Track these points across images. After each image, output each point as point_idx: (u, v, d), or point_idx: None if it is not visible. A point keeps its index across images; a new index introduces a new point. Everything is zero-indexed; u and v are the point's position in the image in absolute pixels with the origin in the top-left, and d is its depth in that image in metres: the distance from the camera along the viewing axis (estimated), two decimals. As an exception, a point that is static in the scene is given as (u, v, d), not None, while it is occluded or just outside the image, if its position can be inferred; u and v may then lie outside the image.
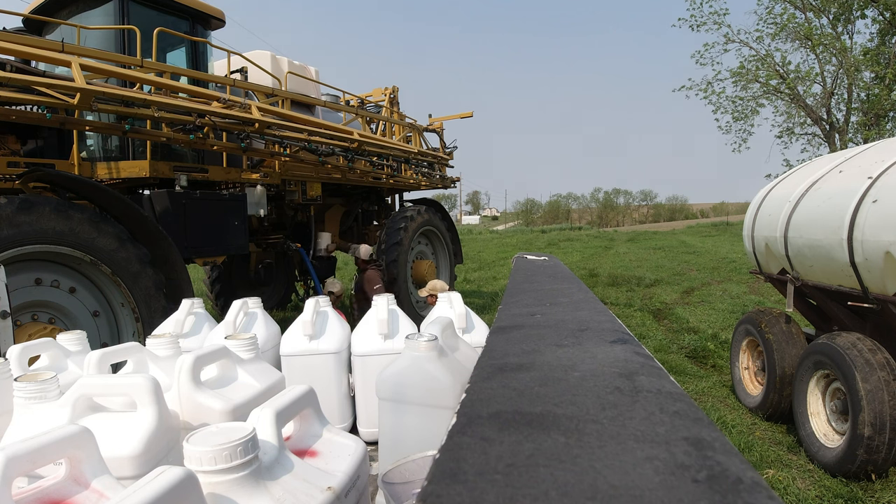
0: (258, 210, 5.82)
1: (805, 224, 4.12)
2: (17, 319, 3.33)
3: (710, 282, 12.17)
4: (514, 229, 49.11)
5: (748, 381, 4.91)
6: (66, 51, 3.76)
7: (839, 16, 16.33)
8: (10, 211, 3.23)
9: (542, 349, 0.76)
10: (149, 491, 0.49)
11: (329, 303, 1.75)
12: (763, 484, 0.37)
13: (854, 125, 16.41)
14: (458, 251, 8.77)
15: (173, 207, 4.75)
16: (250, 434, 0.65)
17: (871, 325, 3.88)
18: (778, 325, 4.50)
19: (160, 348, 1.20)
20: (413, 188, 8.84)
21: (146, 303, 3.87)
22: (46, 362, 1.29)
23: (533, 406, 0.53)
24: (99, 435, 0.70)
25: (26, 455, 0.60)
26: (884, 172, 3.52)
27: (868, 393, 3.23)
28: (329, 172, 6.71)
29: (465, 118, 9.50)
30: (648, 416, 0.49)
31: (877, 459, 3.23)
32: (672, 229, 37.18)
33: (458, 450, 0.43)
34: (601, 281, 12.64)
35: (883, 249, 3.28)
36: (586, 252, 21.06)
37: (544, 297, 1.29)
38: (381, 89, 8.70)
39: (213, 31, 6.01)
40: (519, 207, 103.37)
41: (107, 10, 5.01)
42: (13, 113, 3.69)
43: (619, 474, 0.38)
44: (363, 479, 0.82)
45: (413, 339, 1.05)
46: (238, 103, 4.85)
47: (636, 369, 0.64)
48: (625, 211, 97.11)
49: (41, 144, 4.70)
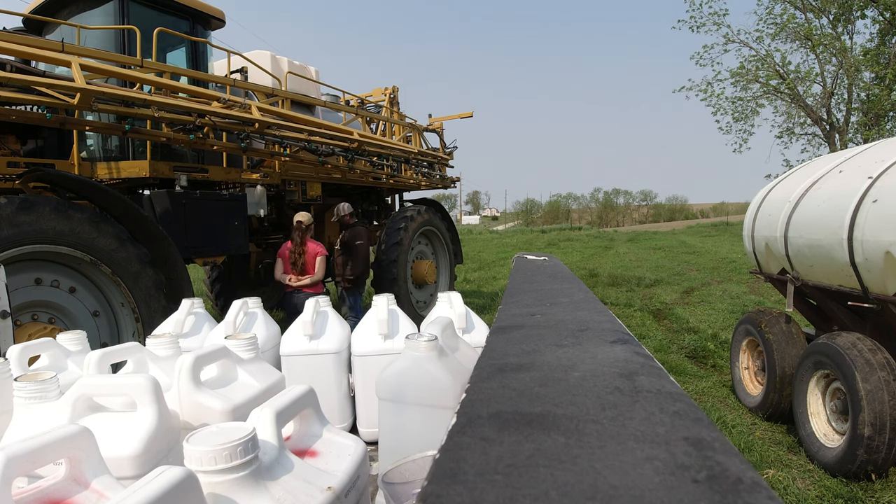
0: (258, 210, 5.82)
1: (805, 224, 4.12)
2: (17, 319, 3.33)
3: (710, 282, 12.17)
4: (514, 229, 49.11)
5: (748, 381, 4.91)
6: (66, 51, 3.76)
7: (839, 16, 16.32)
8: (11, 211, 3.23)
9: (542, 349, 0.76)
10: (149, 491, 0.49)
11: (329, 302, 1.75)
12: (763, 484, 0.37)
13: (854, 125, 16.40)
14: (458, 251, 8.77)
15: (173, 207, 4.75)
16: (250, 434, 0.65)
17: (871, 325, 3.88)
18: (778, 325, 4.50)
19: (160, 348, 1.20)
20: (413, 188, 8.85)
21: (146, 303, 3.87)
22: (46, 362, 1.29)
23: (533, 406, 0.53)
24: (99, 435, 0.70)
25: (26, 455, 0.60)
26: (884, 172, 3.52)
27: (868, 393, 3.23)
28: (329, 172, 6.71)
29: (465, 118, 9.51)
30: (648, 417, 0.49)
31: (877, 459, 3.23)
32: (672, 229, 37.19)
33: (458, 450, 0.43)
34: (601, 281, 12.64)
35: (883, 249, 3.28)
36: (586, 252, 21.06)
37: (544, 297, 1.29)
38: (381, 89, 8.71)
39: (213, 31, 6.01)
40: (519, 207, 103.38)
41: (107, 10, 5.01)
42: (13, 113, 3.69)
43: (619, 474, 0.38)
44: (363, 479, 0.82)
45: (413, 339, 1.05)
46: (238, 103, 4.85)
47: (636, 369, 0.64)
48: (625, 211, 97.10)
49: (41, 144, 4.70)
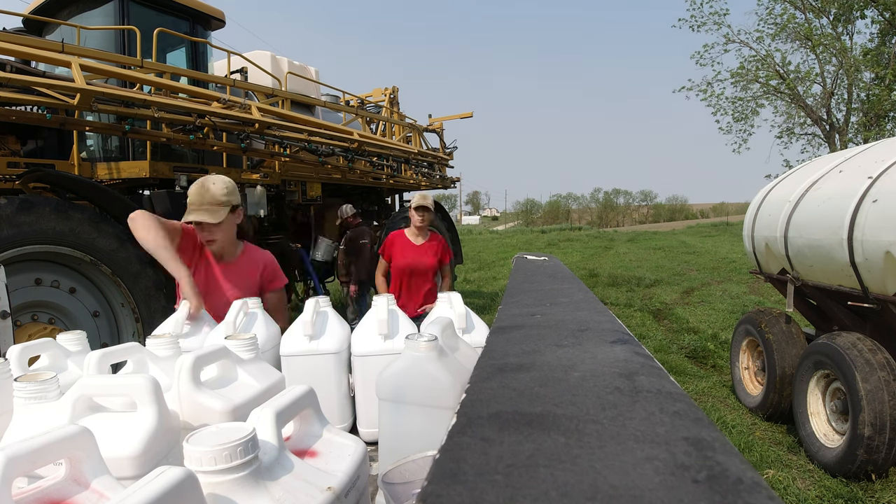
0: (258, 210, 5.82)
1: (805, 224, 4.12)
2: (17, 320, 3.33)
3: (710, 282, 12.17)
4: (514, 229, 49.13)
5: (748, 381, 4.91)
6: (66, 51, 3.76)
7: (839, 16, 16.32)
8: (11, 211, 3.23)
9: (541, 349, 0.76)
10: (149, 491, 0.49)
11: (329, 303, 1.74)
12: (763, 484, 0.37)
13: (854, 125, 16.40)
14: (459, 251, 8.78)
15: (173, 208, 4.75)
16: (250, 434, 0.65)
17: (872, 325, 3.88)
18: (778, 325, 4.50)
19: (160, 348, 1.20)
20: (413, 188, 8.85)
21: (146, 303, 3.88)
22: (46, 362, 1.28)
23: (533, 406, 0.53)
24: (99, 435, 0.69)
25: (26, 455, 0.60)
26: (884, 172, 3.53)
27: (868, 393, 3.23)
28: (329, 173, 6.71)
29: (465, 118, 9.52)
30: (648, 417, 0.49)
31: (877, 459, 3.23)
32: (672, 229, 37.22)
33: (458, 450, 0.43)
34: (601, 281, 12.64)
35: (883, 249, 3.28)
36: (586, 252, 21.07)
37: (544, 298, 1.29)
38: (380, 89, 8.72)
39: (213, 31, 6.02)
40: (519, 207, 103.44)
41: (107, 11, 5.01)
42: (13, 113, 3.69)
43: (619, 474, 0.38)
44: (363, 479, 0.82)
45: (413, 340, 1.05)
46: (238, 104, 4.85)
47: (636, 369, 0.64)
48: (625, 211, 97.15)
49: (41, 145, 4.70)
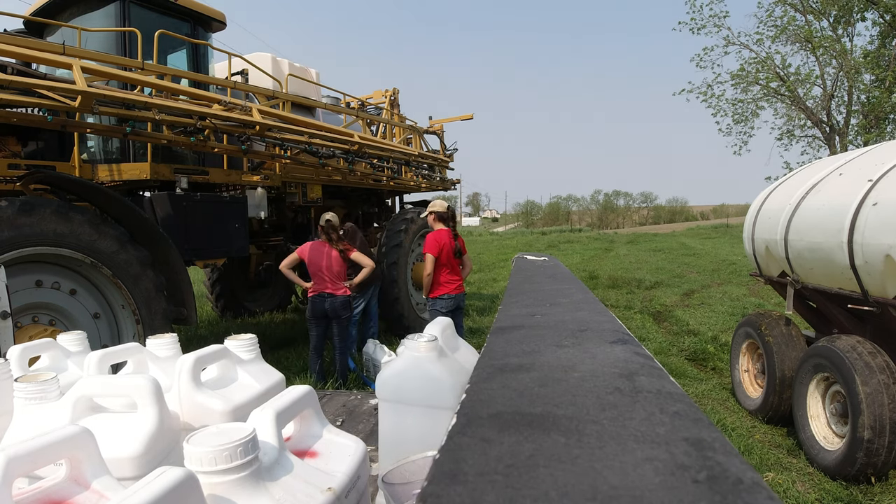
0: (259, 212, 5.82)
1: (805, 227, 4.12)
2: (17, 321, 3.33)
3: (710, 284, 12.16)
4: (514, 231, 49.12)
5: (748, 383, 4.90)
6: (67, 53, 3.77)
7: (839, 18, 16.32)
8: (11, 213, 3.23)
9: (542, 350, 0.76)
10: (149, 491, 0.49)
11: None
12: (763, 484, 0.37)
13: (854, 128, 16.38)
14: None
15: (174, 209, 4.75)
16: (250, 435, 0.65)
17: (871, 327, 3.87)
18: (778, 328, 4.49)
19: (160, 349, 1.20)
20: (413, 190, 8.86)
21: (146, 305, 3.87)
22: (47, 363, 1.28)
23: (533, 406, 0.53)
24: (99, 436, 0.70)
25: (27, 456, 0.60)
26: (884, 175, 3.53)
27: (868, 396, 3.22)
28: (329, 175, 6.71)
29: (465, 120, 9.52)
30: (648, 417, 0.49)
31: (876, 462, 3.22)
32: (672, 231, 37.23)
33: (458, 450, 0.43)
34: (601, 283, 12.63)
35: (883, 252, 3.28)
36: (586, 254, 21.07)
37: (544, 298, 1.29)
38: (381, 91, 8.72)
39: (213, 33, 6.03)
40: (519, 209, 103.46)
41: (108, 13, 5.02)
42: (14, 115, 3.70)
43: (619, 475, 0.38)
44: (363, 479, 0.82)
45: (413, 340, 1.05)
46: (239, 105, 4.85)
47: (636, 370, 0.64)
48: (625, 213, 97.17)
49: (42, 146, 4.71)
